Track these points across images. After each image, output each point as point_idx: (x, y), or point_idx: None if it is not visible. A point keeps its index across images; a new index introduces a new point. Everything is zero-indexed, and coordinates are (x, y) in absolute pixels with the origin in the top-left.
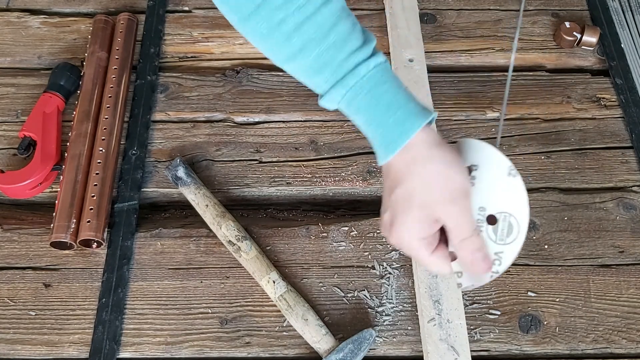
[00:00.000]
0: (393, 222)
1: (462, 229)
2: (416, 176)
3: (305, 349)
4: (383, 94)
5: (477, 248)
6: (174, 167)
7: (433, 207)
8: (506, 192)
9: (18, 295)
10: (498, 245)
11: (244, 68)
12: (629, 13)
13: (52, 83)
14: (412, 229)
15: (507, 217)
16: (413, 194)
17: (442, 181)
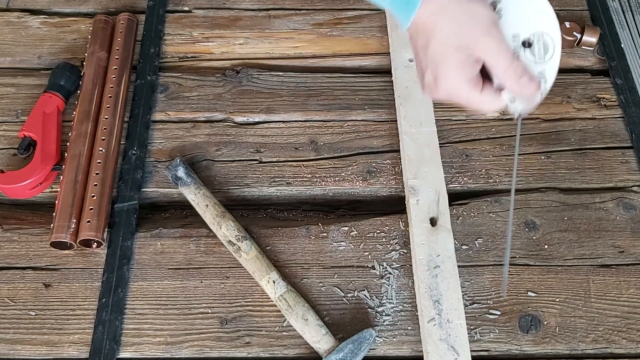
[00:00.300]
0: (437, 76)
1: (502, 59)
2: (444, 24)
3: (305, 349)
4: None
5: (522, 72)
6: (174, 167)
7: (470, 46)
8: (533, 13)
9: (18, 295)
10: (539, 65)
11: (244, 68)
12: (629, 13)
13: (52, 83)
14: (457, 74)
15: (541, 36)
16: (447, 41)
17: (470, 19)
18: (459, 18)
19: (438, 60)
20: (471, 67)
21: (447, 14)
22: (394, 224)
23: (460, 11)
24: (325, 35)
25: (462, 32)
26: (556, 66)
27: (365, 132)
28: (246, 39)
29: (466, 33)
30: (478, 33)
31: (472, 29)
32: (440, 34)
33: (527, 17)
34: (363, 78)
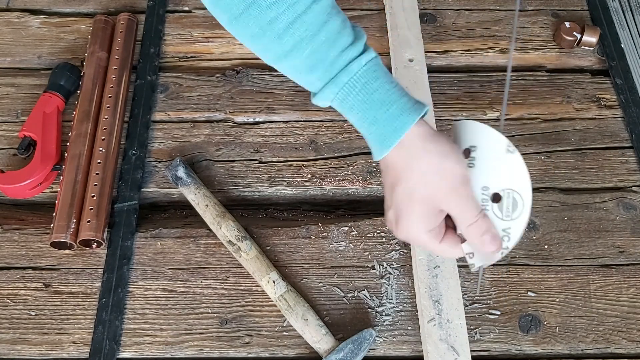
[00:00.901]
0: (398, 219)
1: (467, 215)
2: (415, 172)
3: (305, 349)
4: (376, 90)
5: (485, 230)
6: (174, 167)
7: (435, 200)
8: (507, 169)
9: (18, 295)
10: (505, 222)
11: (244, 68)
12: (629, 13)
13: (52, 83)
14: (418, 223)
15: (511, 193)
16: (413, 190)
17: (440, 173)
18: (429, 171)
19: (402, 206)
20: (433, 219)
21: (419, 164)
22: None
23: (432, 164)
24: None
25: (429, 185)
26: (522, 226)
27: None
28: None
29: (433, 188)
30: (446, 189)
31: (440, 185)
32: (409, 181)
33: (499, 171)
34: None
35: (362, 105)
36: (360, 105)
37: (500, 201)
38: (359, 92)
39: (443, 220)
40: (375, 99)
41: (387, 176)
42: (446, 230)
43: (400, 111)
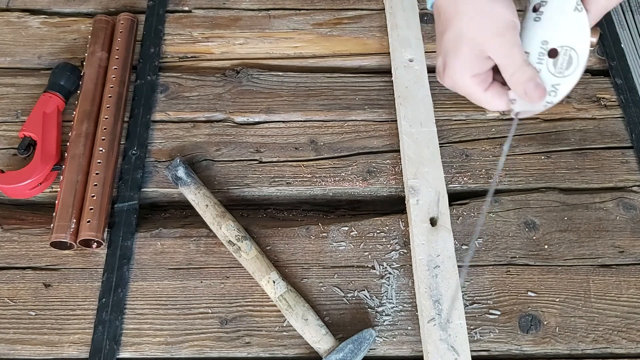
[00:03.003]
0: (446, 64)
1: (511, 61)
2: (463, 15)
3: (305, 349)
4: None
5: (528, 78)
6: (174, 167)
7: (481, 43)
8: (570, 26)
9: (18, 295)
10: (556, 78)
11: (244, 68)
12: (629, 13)
13: (52, 83)
14: (464, 67)
15: (568, 50)
16: (461, 33)
17: (488, 17)
18: (478, 14)
19: (450, 50)
20: (480, 64)
21: (468, 7)
22: (394, 224)
23: (481, 7)
24: (325, 35)
25: (477, 28)
26: (572, 84)
27: (365, 132)
28: (246, 39)
29: (481, 30)
30: (492, 33)
31: (487, 28)
32: (457, 25)
33: (562, 27)
34: (363, 78)
35: None
36: None
37: (557, 57)
38: None
39: (490, 70)
40: None
41: (438, 24)
42: (493, 81)
43: None
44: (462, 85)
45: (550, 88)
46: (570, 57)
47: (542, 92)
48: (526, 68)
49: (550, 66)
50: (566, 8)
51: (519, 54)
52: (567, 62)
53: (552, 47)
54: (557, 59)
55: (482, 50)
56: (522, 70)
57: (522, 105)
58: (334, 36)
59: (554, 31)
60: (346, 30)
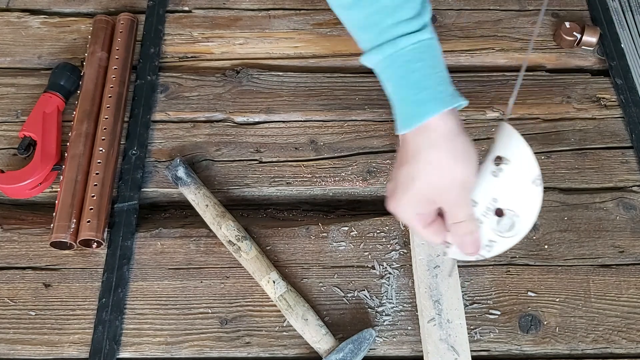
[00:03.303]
0: (394, 194)
1: (456, 214)
2: (422, 161)
3: (305, 349)
4: (415, 71)
5: (468, 232)
6: (174, 167)
7: (430, 192)
8: (523, 195)
9: (18, 295)
10: (495, 235)
11: (244, 68)
12: (629, 13)
13: (52, 83)
14: (409, 204)
15: (514, 216)
16: (415, 176)
17: (445, 171)
18: (435, 166)
19: (400, 183)
20: (424, 206)
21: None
22: (394, 224)
23: (441, 160)
24: (325, 35)
25: (430, 178)
26: (508, 246)
27: (365, 132)
28: (246, 39)
29: (433, 181)
30: (444, 186)
31: (441, 181)
32: (413, 167)
33: (516, 193)
34: (363, 78)
35: (398, 80)
36: (396, 79)
37: (502, 217)
38: (399, 67)
39: (435, 210)
40: (411, 79)
41: (401, 149)
42: (436, 219)
43: (429, 98)
44: (403, 217)
45: (487, 242)
46: (513, 222)
47: (476, 248)
48: (468, 223)
49: (493, 223)
50: (525, 178)
51: (463, 209)
52: (509, 225)
53: (500, 207)
54: (501, 219)
55: (429, 198)
56: (465, 224)
57: (456, 252)
58: (334, 36)
59: (507, 193)
60: (346, 31)
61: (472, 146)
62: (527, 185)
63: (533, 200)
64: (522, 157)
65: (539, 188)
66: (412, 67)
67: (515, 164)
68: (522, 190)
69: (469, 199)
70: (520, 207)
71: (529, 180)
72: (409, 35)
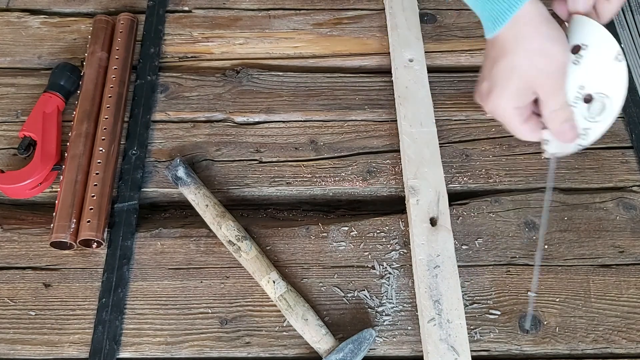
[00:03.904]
0: (491, 91)
1: (553, 101)
2: (521, 51)
3: (305, 349)
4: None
5: (565, 119)
6: (174, 167)
7: (531, 80)
8: (608, 75)
9: (18, 295)
10: (587, 122)
11: (244, 68)
12: (629, 13)
13: (52, 83)
14: (509, 98)
15: (603, 98)
16: (515, 67)
17: (545, 56)
18: (534, 53)
19: (498, 79)
20: (524, 97)
21: (527, 45)
22: (394, 224)
23: (538, 47)
24: (325, 35)
25: (531, 66)
26: (602, 130)
27: (365, 132)
28: (246, 39)
29: (534, 69)
30: (543, 73)
31: (541, 68)
32: (513, 58)
33: (600, 74)
34: (363, 78)
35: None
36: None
37: (591, 102)
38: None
39: (531, 104)
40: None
41: (491, 49)
42: (531, 115)
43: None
44: (503, 113)
45: (581, 131)
46: (604, 105)
47: (574, 134)
48: (566, 110)
49: (583, 110)
50: (607, 57)
51: (561, 95)
52: (600, 109)
53: (588, 92)
54: (591, 105)
55: (530, 86)
56: (562, 111)
57: (555, 146)
58: (334, 36)
59: (592, 77)
60: (346, 30)
61: (561, 29)
62: (610, 63)
63: (619, 77)
64: (598, 38)
65: (622, 63)
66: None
67: (593, 46)
68: (606, 70)
69: (564, 86)
70: (608, 87)
71: (611, 58)
72: None
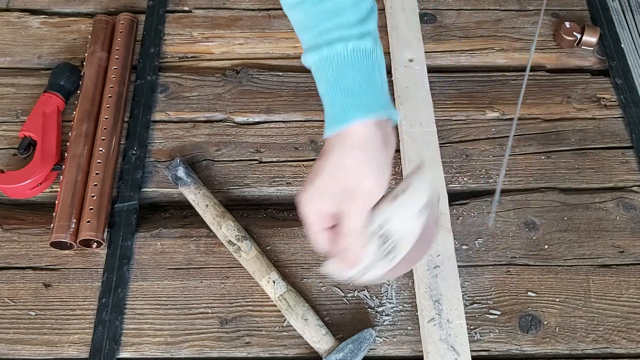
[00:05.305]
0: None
1: (348, 225)
2: (332, 160)
3: (305, 349)
4: (346, 78)
5: (350, 246)
6: (174, 167)
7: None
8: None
9: (18, 295)
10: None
11: (244, 68)
12: (629, 13)
13: (52, 83)
14: (313, 196)
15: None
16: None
17: (354, 178)
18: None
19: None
20: (327, 203)
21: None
22: None
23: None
24: None
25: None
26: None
27: None
28: (246, 39)
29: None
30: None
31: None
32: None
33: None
34: None
35: (329, 83)
36: (328, 82)
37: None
38: (333, 71)
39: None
40: (341, 84)
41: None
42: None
43: (354, 106)
44: (305, 211)
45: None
46: (394, 248)
47: (350, 265)
48: (355, 239)
49: (375, 245)
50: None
51: (357, 224)
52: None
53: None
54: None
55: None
56: (351, 237)
57: (331, 265)
58: None
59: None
60: None
61: (390, 164)
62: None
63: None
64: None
65: (422, 219)
66: (345, 74)
67: (411, 189)
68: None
69: (365, 215)
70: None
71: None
72: (346, 41)
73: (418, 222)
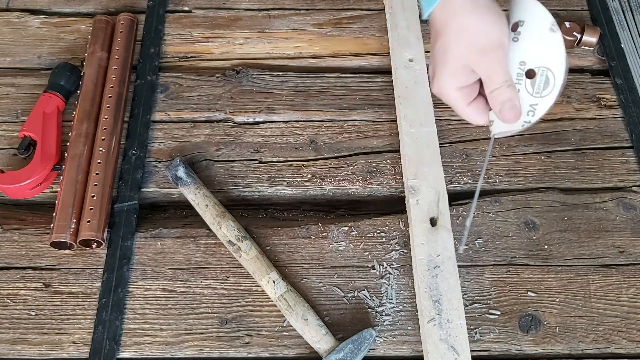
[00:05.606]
0: (434, 74)
1: (493, 79)
2: (452, 29)
3: (305, 349)
4: None
5: (506, 98)
6: (174, 167)
7: (466, 58)
8: (546, 46)
9: (18, 295)
10: (534, 98)
11: (244, 68)
12: (629, 13)
13: (52, 83)
14: (450, 79)
15: (545, 71)
16: (448, 47)
17: (476, 33)
18: (465, 31)
19: (438, 60)
20: (465, 77)
21: (458, 23)
22: (394, 224)
23: (470, 24)
24: (325, 35)
25: (463, 44)
26: (549, 104)
27: (365, 132)
28: (246, 39)
29: (466, 46)
30: (478, 50)
31: (474, 44)
32: (445, 39)
33: (538, 48)
34: (363, 78)
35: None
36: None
37: (534, 77)
38: None
39: (476, 84)
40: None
41: (431, 33)
42: (477, 97)
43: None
44: (447, 96)
45: (529, 108)
46: (547, 78)
47: (516, 114)
48: (505, 89)
49: (528, 86)
50: (542, 29)
51: (500, 73)
52: (544, 83)
53: (529, 67)
54: (534, 80)
55: (466, 63)
56: (501, 90)
57: (499, 126)
58: (334, 36)
59: (531, 52)
60: (346, 30)
61: (500, 8)
62: (546, 35)
63: (556, 47)
64: (532, 12)
65: (557, 34)
66: None
67: (528, 21)
68: (543, 42)
69: (505, 63)
70: (548, 59)
71: (546, 29)
72: None
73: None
